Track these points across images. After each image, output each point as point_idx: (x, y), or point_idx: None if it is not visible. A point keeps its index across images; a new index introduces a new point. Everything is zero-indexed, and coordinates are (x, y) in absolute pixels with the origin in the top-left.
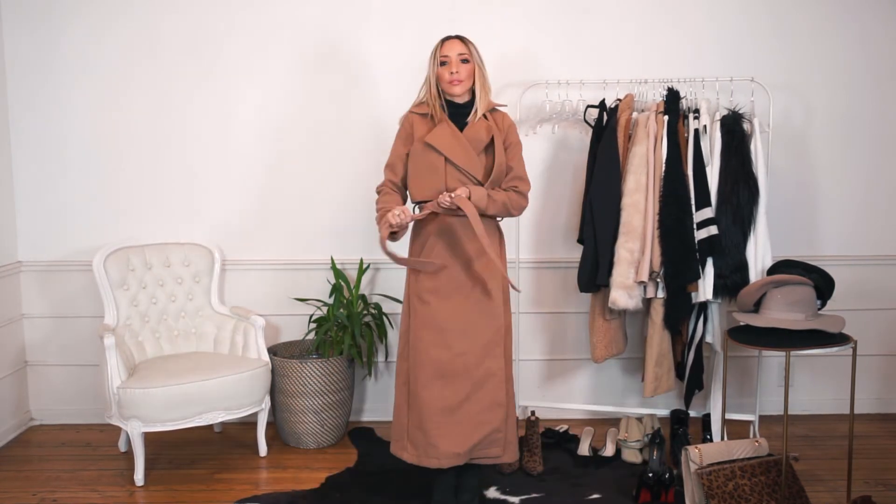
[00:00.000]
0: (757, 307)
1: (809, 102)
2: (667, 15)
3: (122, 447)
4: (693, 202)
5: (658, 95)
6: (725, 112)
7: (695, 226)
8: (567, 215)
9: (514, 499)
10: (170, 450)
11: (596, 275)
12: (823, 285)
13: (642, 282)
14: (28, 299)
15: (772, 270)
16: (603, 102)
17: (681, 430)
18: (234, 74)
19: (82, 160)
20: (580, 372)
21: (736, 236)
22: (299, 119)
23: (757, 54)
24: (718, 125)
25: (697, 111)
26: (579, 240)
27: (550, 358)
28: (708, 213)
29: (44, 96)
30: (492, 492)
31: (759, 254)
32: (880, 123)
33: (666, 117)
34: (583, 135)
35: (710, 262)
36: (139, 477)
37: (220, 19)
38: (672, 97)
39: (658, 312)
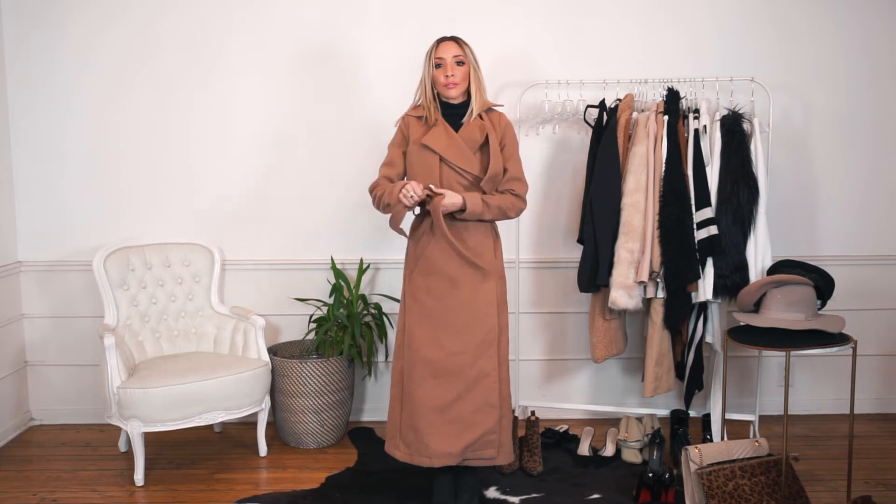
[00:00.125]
0: (757, 307)
1: (809, 102)
2: (667, 15)
3: (122, 447)
4: (693, 202)
5: (658, 95)
6: (725, 112)
7: (695, 226)
8: (567, 215)
9: (514, 499)
10: (170, 450)
11: (596, 275)
12: (823, 285)
13: (642, 282)
14: (28, 299)
15: (772, 270)
16: (603, 102)
17: (681, 430)
18: (234, 74)
19: (82, 160)
20: (580, 372)
21: (736, 236)
22: (299, 119)
23: (757, 54)
24: (718, 125)
25: (697, 111)
26: (579, 240)
27: (550, 358)
28: (708, 213)
29: (44, 96)
30: (492, 492)
31: (759, 254)
32: (880, 123)
33: (666, 117)
34: (583, 135)
35: (710, 262)
36: (139, 477)
37: (220, 19)
38: (672, 97)
39: (658, 312)
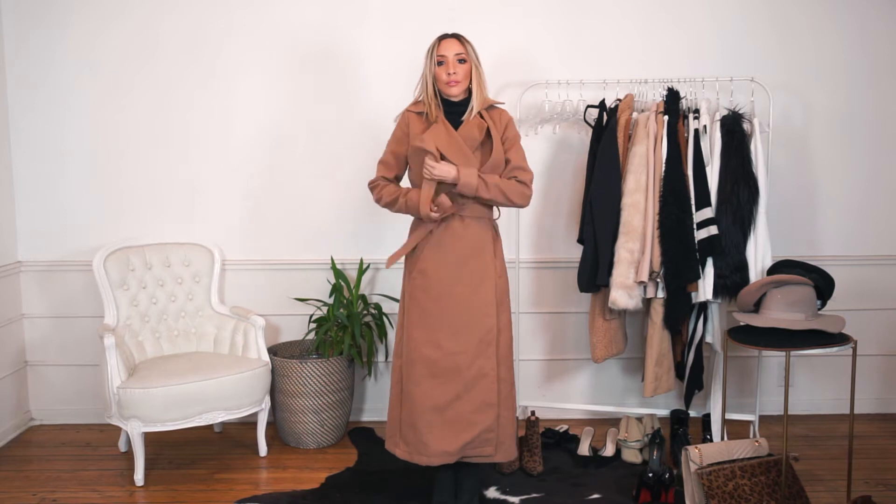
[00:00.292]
0: (757, 307)
1: (809, 102)
2: (667, 15)
3: (122, 447)
4: (693, 202)
5: (658, 95)
6: (725, 112)
7: (695, 226)
8: (567, 215)
9: (514, 499)
10: (170, 450)
11: (596, 275)
12: (823, 285)
13: (642, 282)
14: (28, 299)
15: (772, 270)
16: (603, 102)
17: (681, 430)
18: (234, 74)
19: (82, 160)
20: (580, 372)
21: (736, 236)
22: (299, 119)
23: (757, 54)
24: (718, 125)
25: (697, 111)
26: (579, 240)
27: (550, 358)
28: (708, 213)
29: (44, 96)
30: (492, 492)
31: (759, 254)
32: (880, 123)
33: (666, 117)
34: (583, 135)
35: (710, 262)
36: (139, 477)
37: (220, 19)
38: (672, 97)
39: (658, 312)
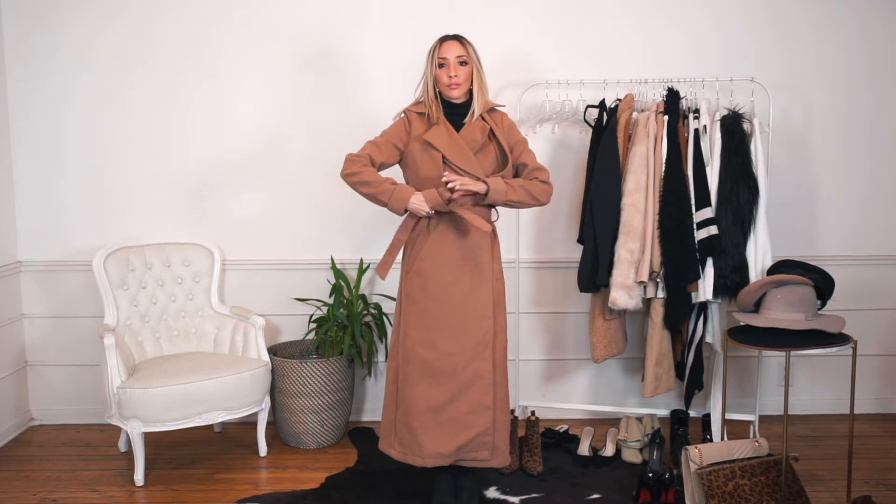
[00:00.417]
0: (757, 307)
1: (809, 102)
2: (667, 15)
3: (122, 447)
4: (693, 202)
5: (658, 95)
6: (725, 112)
7: (695, 226)
8: (567, 215)
9: (514, 499)
10: (170, 450)
11: (596, 275)
12: (823, 285)
13: (642, 282)
14: (28, 299)
15: (772, 270)
16: (603, 102)
17: (681, 430)
18: (234, 74)
19: (82, 160)
20: (580, 372)
21: (736, 236)
22: (299, 118)
23: (757, 54)
24: (718, 125)
25: (697, 111)
26: (579, 240)
27: (550, 358)
28: (708, 213)
29: (44, 96)
30: (492, 492)
31: (759, 254)
32: (880, 123)
33: (666, 117)
34: (583, 135)
35: (710, 262)
36: (139, 477)
37: (220, 19)
38: (672, 97)
39: (658, 312)
